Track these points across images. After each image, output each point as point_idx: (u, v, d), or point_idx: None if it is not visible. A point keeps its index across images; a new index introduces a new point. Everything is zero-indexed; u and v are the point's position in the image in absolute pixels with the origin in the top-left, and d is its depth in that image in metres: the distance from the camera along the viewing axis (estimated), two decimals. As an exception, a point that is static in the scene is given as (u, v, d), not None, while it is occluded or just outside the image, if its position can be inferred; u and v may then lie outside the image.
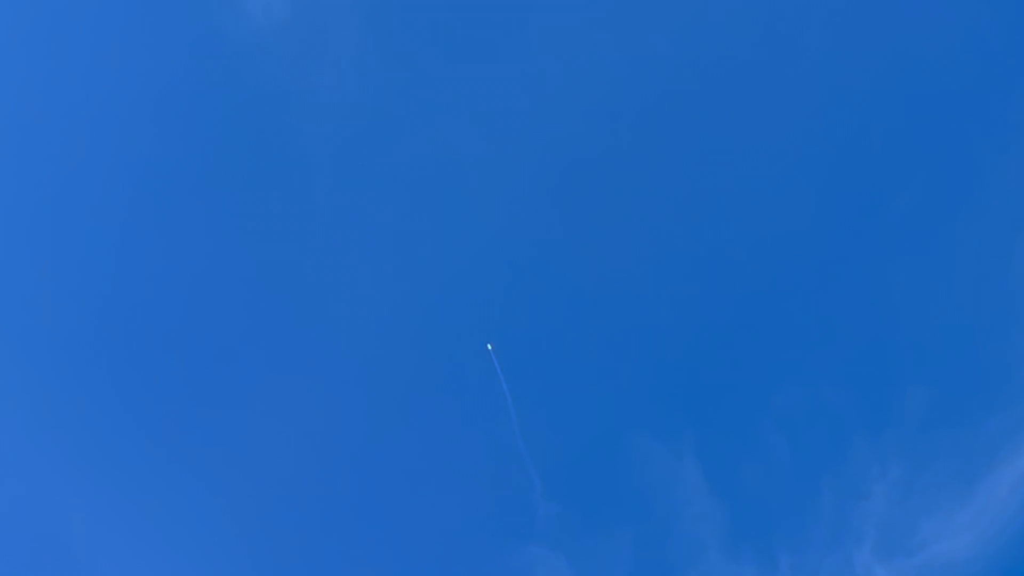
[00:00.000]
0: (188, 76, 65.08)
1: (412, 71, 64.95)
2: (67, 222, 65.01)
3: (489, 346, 60.85)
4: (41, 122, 64.89)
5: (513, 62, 64.33)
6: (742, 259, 61.99)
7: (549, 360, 62.13)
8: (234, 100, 65.47)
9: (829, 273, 61.60)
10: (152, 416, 63.47)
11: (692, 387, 61.39)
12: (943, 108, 61.82)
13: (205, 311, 64.34)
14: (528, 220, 63.89)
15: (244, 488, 62.35)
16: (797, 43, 62.57)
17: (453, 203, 64.37)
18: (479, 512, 61.91)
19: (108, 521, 62.69)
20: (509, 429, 61.39)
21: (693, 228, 62.72)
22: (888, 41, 61.82)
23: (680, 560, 60.38)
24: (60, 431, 63.34)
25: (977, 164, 60.72)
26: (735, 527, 60.39)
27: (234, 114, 65.39)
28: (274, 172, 65.31)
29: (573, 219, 64.07)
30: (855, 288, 61.34)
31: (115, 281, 64.49)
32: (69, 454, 63.09)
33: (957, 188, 60.98)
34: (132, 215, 65.03)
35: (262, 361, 64.03)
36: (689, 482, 60.63)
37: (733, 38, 62.83)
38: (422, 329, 63.16)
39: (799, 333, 61.43)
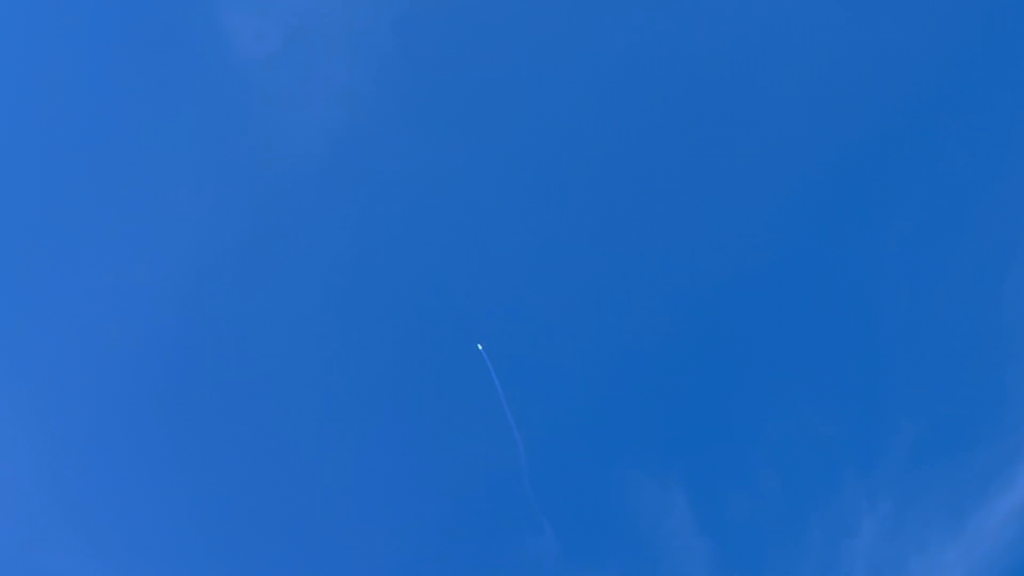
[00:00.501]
0: (178, 106, 65.58)
1: (404, 101, 65.37)
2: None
3: (480, 346, 60.31)
4: (27, 160, 65.39)
5: (504, 90, 64.69)
6: (731, 291, 61.97)
7: (537, 390, 62.03)
8: (225, 130, 65.89)
9: (819, 305, 61.50)
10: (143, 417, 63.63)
11: (681, 419, 61.13)
12: (929, 140, 61.98)
13: (194, 334, 64.52)
14: (509, 262, 64.12)
15: (232, 487, 62.32)
16: (794, 45, 62.96)
17: (443, 234, 64.54)
18: (464, 543, 61.67)
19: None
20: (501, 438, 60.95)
21: (684, 257, 62.78)
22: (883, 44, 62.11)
23: (668, 593, 60.05)
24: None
25: (964, 197, 60.74)
26: (723, 561, 59.99)
27: (224, 143, 65.77)
28: (264, 201, 65.65)
29: (559, 251, 64.25)
30: (845, 320, 61.22)
31: (104, 304, 64.85)
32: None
33: (945, 219, 61.02)
34: (117, 263, 65.44)
35: (255, 365, 64.24)
36: (677, 514, 60.29)
37: (729, 40, 63.19)
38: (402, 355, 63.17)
39: (789, 365, 61.27)
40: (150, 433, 63.47)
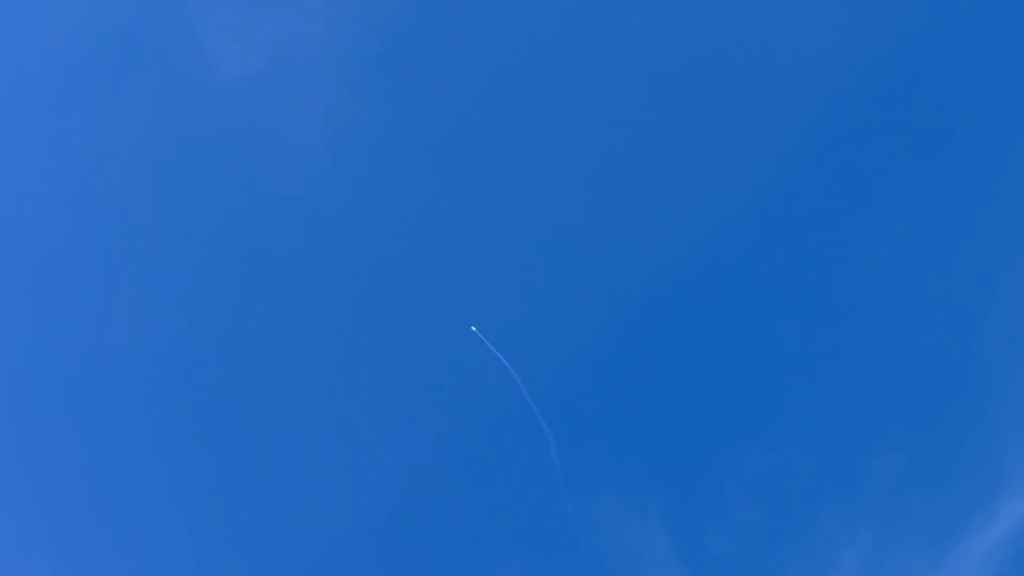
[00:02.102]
0: (161, 130, 65.52)
1: (389, 123, 65.45)
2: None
3: (473, 328, 59.45)
4: (10, 184, 65.17)
5: (490, 109, 64.79)
6: (712, 321, 61.81)
7: (515, 416, 61.45)
8: (208, 153, 65.82)
9: (799, 337, 61.27)
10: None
11: (659, 448, 60.49)
12: (915, 174, 62.04)
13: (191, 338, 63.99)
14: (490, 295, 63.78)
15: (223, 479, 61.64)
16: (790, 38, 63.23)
17: (428, 251, 64.28)
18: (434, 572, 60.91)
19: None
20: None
21: (664, 281, 62.62)
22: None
23: (645, 625, 59.17)
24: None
25: (944, 234, 60.95)
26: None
27: (207, 167, 65.68)
28: (250, 225, 65.48)
29: (528, 286, 64.06)
30: (826, 352, 60.95)
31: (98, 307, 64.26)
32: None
33: (927, 247, 61.16)
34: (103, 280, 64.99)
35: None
36: (655, 545, 59.54)
37: (726, 33, 63.56)
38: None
39: (769, 396, 60.83)
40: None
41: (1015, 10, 62.27)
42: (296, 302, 64.68)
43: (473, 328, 59.56)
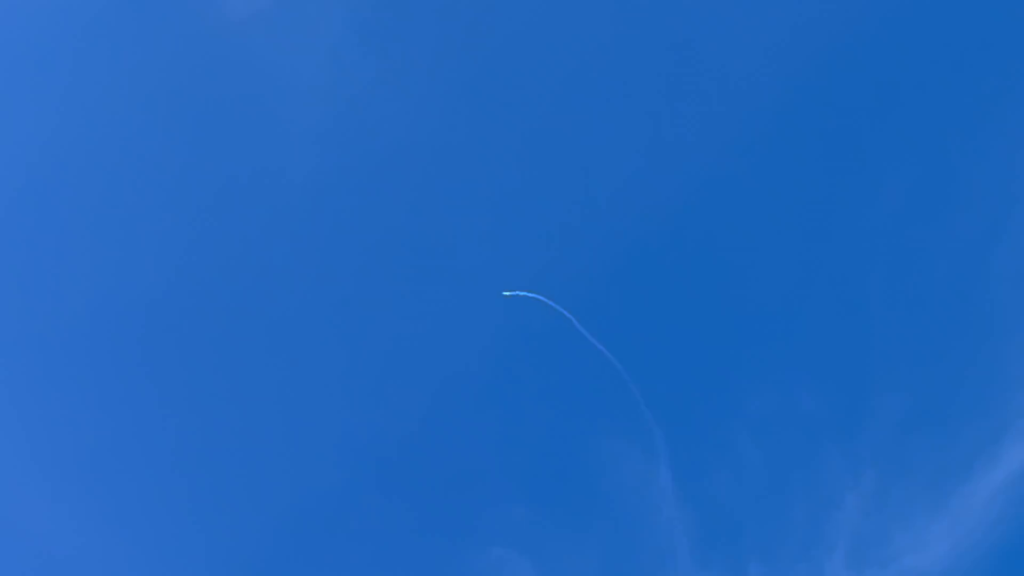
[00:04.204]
0: (166, 68, 65.27)
1: (397, 63, 65.10)
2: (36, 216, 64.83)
3: (506, 293, 58.87)
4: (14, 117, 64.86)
5: (501, 53, 64.38)
6: (716, 264, 61.58)
7: (518, 358, 61.32)
8: (214, 92, 65.61)
9: (805, 277, 61.05)
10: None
11: (663, 389, 60.33)
12: (926, 110, 61.69)
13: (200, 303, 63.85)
14: (501, 236, 63.59)
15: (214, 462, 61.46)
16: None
17: (436, 194, 64.07)
18: (439, 511, 60.82)
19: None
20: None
21: (670, 226, 62.23)
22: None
23: (648, 566, 59.03)
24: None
25: (955, 169, 60.49)
26: (704, 533, 59.17)
27: (214, 106, 65.52)
28: (255, 165, 65.19)
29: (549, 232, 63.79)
30: (831, 292, 60.68)
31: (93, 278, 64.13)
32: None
33: (935, 193, 60.70)
34: (106, 210, 64.83)
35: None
36: (657, 485, 59.47)
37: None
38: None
39: (773, 337, 60.65)
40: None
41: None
42: (300, 246, 64.60)
43: (506, 293, 59.03)
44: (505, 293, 58.50)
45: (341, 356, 63.36)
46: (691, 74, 63.30)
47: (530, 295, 58.18)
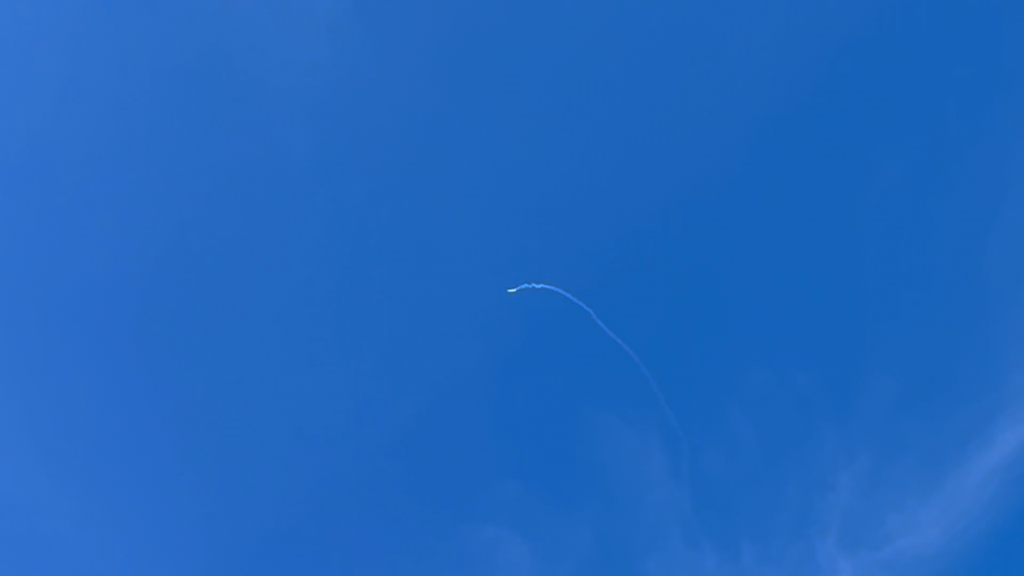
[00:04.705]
0: (158, 37, 65.15)
1: (409, 51, 65.03)
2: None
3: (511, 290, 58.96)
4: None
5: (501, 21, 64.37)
6: (710, 241, 61.76)
7: (512, 335, 61.45)
8: (207, 62, 65.43)
9: (801, 258, 61.30)
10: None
11: (659, 367, 60.41)
12: (919, 99, 61.89)
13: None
14: (503, 214, 63.76)
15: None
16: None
17: (432, 165, 64.20)
18: (434, 491, 60.87)
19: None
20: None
21: (666, 205, 62.41)
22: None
23: (641, 544, 59.16)
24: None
25: (948, 155, 60.63)
26: (698, 512, 59.25)
27: (206, 76, 65.34)
28: (247, 137, 65.13)
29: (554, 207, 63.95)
30: (826, 272, 60.95)
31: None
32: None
33: (929, 178, 60.86)
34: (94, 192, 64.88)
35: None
36: (653, 464, 59.63)
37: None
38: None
39: (769, 317, 60.83)
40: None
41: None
42: (295, 212, 64.62)
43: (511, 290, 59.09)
44: (510, 290, 58.74)
45: (339, 337, 63.55)
46: (690, 72, 63.79)
47: (535, 286, 58.32)
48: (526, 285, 57.56)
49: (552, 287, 57.90)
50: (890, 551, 57.53)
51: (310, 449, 62.20)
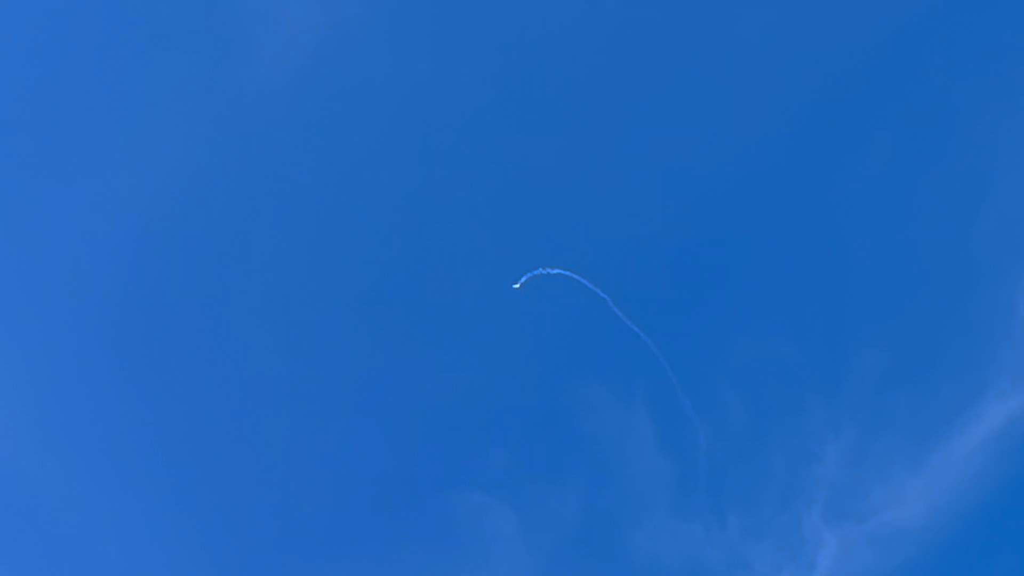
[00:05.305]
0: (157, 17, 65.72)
1: (439, 41, 65.41)
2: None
3: (517, 285, 59.30)
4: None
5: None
6: (699, 215, 61.91)
7: (501, 305, 61.72)
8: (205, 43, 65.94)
9: (789, 229, 61.46)
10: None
11: (646, 337, 60.63)
12: (907, 74, 62.22)
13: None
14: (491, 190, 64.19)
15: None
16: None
17: (426, 148, 64.56)
18: (420, 458, 61.14)
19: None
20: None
21: (652, 177, 62.72)
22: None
23: (628, 513, 59.52)
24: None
25: (937, 131, 60.98)
26: (684, 482, 59.50)
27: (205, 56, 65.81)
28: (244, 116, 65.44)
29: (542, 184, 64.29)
30: (815, 246, 61.19)
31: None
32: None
33: (918, 151, 61.07)
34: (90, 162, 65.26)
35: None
36: (639, 435, 59.84)
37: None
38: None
39: (757, 288, 61.04)
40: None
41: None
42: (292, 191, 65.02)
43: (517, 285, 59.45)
44: (515, 286, 59.18)
45: (327, 304, 63.83)
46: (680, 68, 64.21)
47: (549, 272, 58.73)
48: (532, 274, 58.29)
49: (565, 272, 58.51)
50: (875, 524, 57.89)
51: (299, 415, 62.67)
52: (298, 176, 64.66)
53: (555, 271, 57.93)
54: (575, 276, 58.18)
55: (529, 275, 58.05)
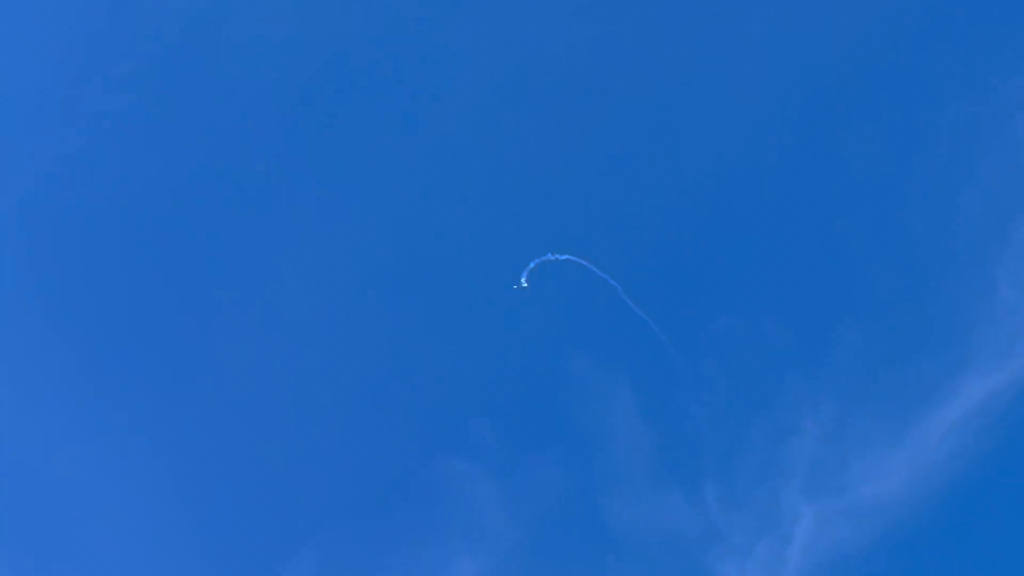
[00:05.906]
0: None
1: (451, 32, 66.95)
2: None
3: (524, 283, 60.33)
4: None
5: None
6: (687, 189, 62.78)
7: (487, 279, 62.60)
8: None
9: (773, 206, 62.21)
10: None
11: (629, 311, 61.31)
12: (902, 56, 62.98)
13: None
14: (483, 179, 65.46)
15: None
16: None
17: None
18: (403, 425, 61.85)
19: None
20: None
21: (643, 157, 63.80)
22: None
23: (608, 484, 59.91)
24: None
25: (917, 115, 61.94)
26: (664, 454, 59.97)
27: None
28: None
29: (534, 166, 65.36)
30: (799, 224, 61.84)
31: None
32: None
33: (898, 135, 61.92)
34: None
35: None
36: (621, 404, 60.38)
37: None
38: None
39: (739, 265, 61.69)
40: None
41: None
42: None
43: (520, 285, 60.42)
44: (515, 287, 60.16)
45: (316, 279, 64.76)
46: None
47: (558, 258, 59.70)
48: (533, 264, 59.31)
49: (572, 258, 59.48)
50: (853, 498, 58.13)
51: (285, 385, 63.49)
52: (308, 140, 66.05)
53: (561, 256, 59.11)
54: (572, 258, 59.23)
55: (529, 269, 59.31)
